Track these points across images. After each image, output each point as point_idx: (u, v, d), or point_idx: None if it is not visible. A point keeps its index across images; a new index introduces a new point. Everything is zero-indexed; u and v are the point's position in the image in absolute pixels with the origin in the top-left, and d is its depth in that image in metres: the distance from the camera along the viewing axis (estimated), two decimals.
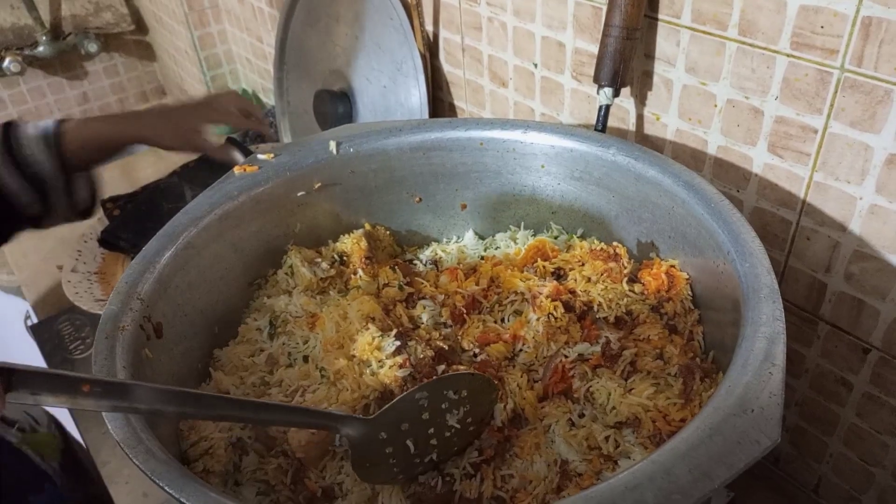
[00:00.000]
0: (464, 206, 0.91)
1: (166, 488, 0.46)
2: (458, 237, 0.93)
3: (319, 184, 0.83)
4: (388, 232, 0.90)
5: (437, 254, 0.89)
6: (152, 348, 0.63)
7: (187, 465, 0.64)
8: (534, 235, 0.87)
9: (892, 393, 0.74)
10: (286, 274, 0.79)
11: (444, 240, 0.93)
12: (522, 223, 0.89)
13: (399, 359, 0.66)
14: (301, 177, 0.81)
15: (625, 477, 0.41)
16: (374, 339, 0.68)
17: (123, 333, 0.59)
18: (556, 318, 0.68)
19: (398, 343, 0.67)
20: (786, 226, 0.76)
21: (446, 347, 0.70)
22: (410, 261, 0.88)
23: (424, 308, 0.73)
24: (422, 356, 0.67)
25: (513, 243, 0.87)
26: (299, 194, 0.82)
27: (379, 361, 0.67)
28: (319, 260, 0.80)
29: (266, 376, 0.70)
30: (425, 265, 0.86)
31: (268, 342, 0.73)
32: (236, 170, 0.80)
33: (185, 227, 0.71)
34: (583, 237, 0.84)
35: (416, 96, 1.16)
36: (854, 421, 0.79)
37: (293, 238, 0.83)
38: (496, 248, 0.88)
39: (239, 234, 0.77)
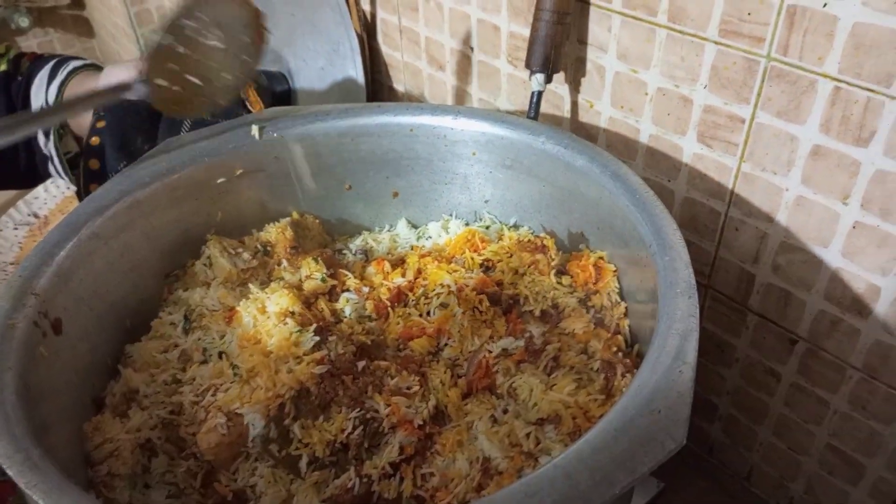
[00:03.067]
0: (395, 195, 0.88)
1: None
2: (391, 226, 0.90)
3: (241, 170, 0.79)
4: (317, 221, 0.87)
5: (367, 243, 0.87)
6: (49, 346, 0.60)
7: (91, 467, 0.61)
8: (467, 224, 0.85)
9: (818, 383, 0.74)
10: (204, 265, 0.76)
11: (377, 228, 0.90)
12: (455, 212, 0.87)
13: (317, 355, 0.64)
14: (221, 163, 0.78)
15: (525, 482, 0.40)
16: (291, 334, 0.65)
17: (13, 331, 0.56)
18: (481, 312, 0.67)
19: (317, 339, 0.65)
20: (715, 216, 0.75)
21: (369, 342, 0.68)
22: (340, 250, 0.86)
23: (348, 301, 0.71)
24: (342, 352, 0.65)
25: (445, 233, 0.85)
26: (219, 181, 0.78)
27: (297, 358, 0.64)
28: (241, 250, 0.77)
29: (178, 374, 0.67)
30: (355, 255, 0.84)
31: (182, 337, 0.70)
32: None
33: (90, 216, 0.67)
34: (516, 226, 0.82)
35: (353, 79, 1.13)
36: (783, 411, 0.80)
37: (214, 227, 0.80)
38: (428, 238, 0.86)
39: (152, 223, 0.74)
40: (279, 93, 1.26)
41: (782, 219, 0.69)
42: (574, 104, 0.84)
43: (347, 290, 0.73)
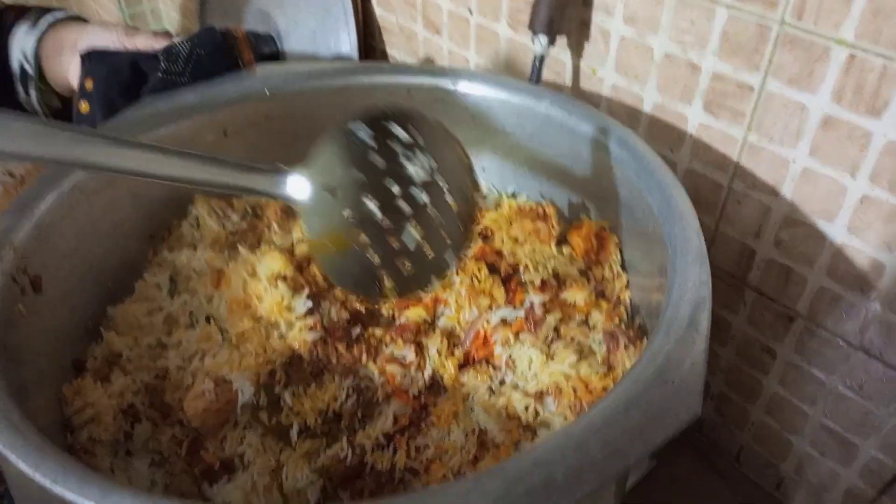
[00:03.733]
0: None
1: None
2: None
3: (230, 128, 0.76)
4: None
5: None
6: (28, 304, 0.57)
7: (71, 433, 0.58)
8: None
9: (814, 362, 0.74)
10: (191, 226, 0.73)
11: None
12: None
13: (310, 320, 0.62)
14: (209, 119, 0.75)
15: (535, 452, 0.38)
16: (283, 298, 0.63)
17: None
18: (479, 281, 0.65)
19: (310, 304, 0.63)
20: (717, 189, 0.74)
21: (363, 310, 0.66)
22: None
23: None
24: (336, 318, 0.63)
25: None
26: (208, 139, 0.75)
27: (289, 323, 0.62)
28: (230, 212, 0.74)
29: (163, 338, 0.64)
30: None
31: (167, 300, 0.67)
32: None
33: (72, 168, 0.64)
34: (513, 196, 0.80)
35: (346, 42, 1.09)
36: (777, 390, 0.80)
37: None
38: None
39: (138, 180, 0.70)
40: (267, 55, 1.22)
41: (787, 192, 0.68)
42: (576, 70, 0.82)
43: None
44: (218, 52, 0.79)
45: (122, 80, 0.78)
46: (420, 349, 0.62)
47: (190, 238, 0.73)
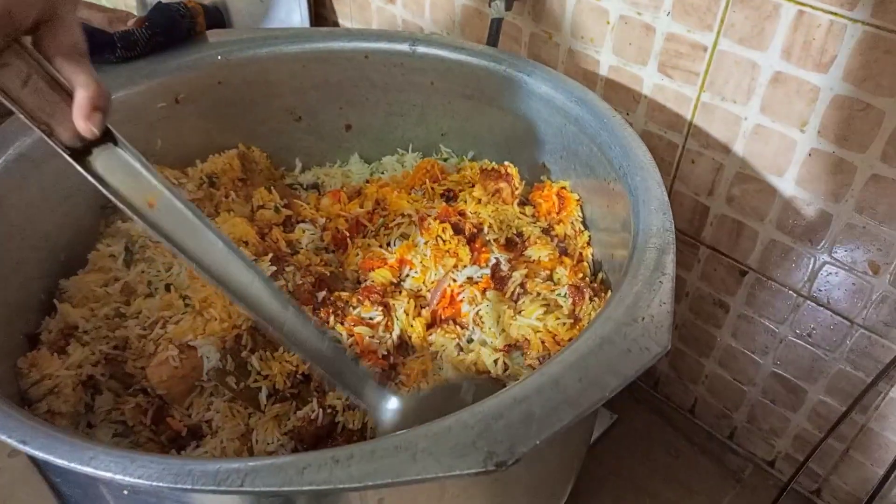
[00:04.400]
0: (348, 127, 0.85)
1: None
2: (343, 161, 0.87)
3: (182, 94, 0.74)
4: (264, 154, 0.82)
5: (318, 177, 0.83)
6: None
7: (29, 406, 0.56)
8: (423, 158, 0.82)
9: (765, 313, 0.76)
10: None
11: (328, 164, 0.87)
12: (411, 145, 0.84)
13: (275, 284, 0.60)
14: (160, 85, 0.72)
15: (513, 391, 0.39)
16: None
17: None
18: (444, 241, 0.65)
19: (273, 268, 0.62)
20: (672, 149, 0.76)
21: (328, 274, 0.65)
22: (290, 185, 0.82)
23: (304, 232, 0.68)
24: (300, 282, 0.62)
25: (400, 167, 0.83)
26: (159, 106, 0.73)
27: None
28: (185, 181, 0.72)
29: (121, 307, 0.62)
30: (306, 189, 0.80)
31: (123, 270, 0.65)
32: None
33: (16, 134, 0.61)
34: (473, 160, 0.80)
35: (296, 13, 1.07)
36: (729, 342, 0.82)
37: (154, 156, 0.74)
38: (383, 173, 0.83)
39: None
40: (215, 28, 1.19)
41: (739, 148, 0.70)
42: (532, 36, 0.82)
43: (303, 220, 0.69)
44: (175, 29, 0.76)
45: None
46: (387, 310, 0.62)
47: None
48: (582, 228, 0.68)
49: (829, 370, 0.74)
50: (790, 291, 0.73)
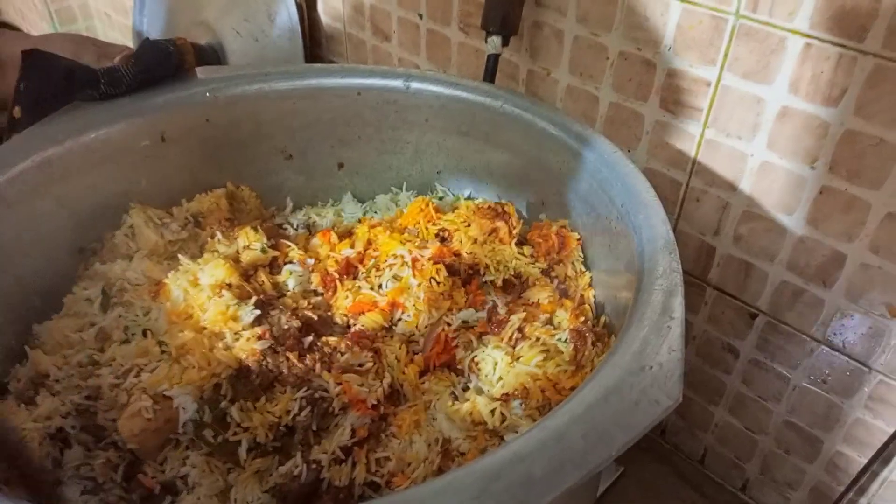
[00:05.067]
0: (341, 166, 0.82)
1: None
2: (335, 200, 0.84)
3: (168, 133, 0.71)
4: (254, 194, 0.79)
5: (310, 217, 0.80)
6: None
7: None
8: (417, 196, 0.79)
9: (777, 358, 0.73)
10: (126, 236, 0.67)
11: (320, 203, 0.84)
12: (405, 184, 0.81)
13: (258, 329, 0.57)
14: (145, 123, 0.70)
15: (513, 445, 0.35)
16: (228, 307, 0.58)
17: None
18: (438, 283, 0.62)
19: (258, 312, 0.58)
20: (676, 187, 0.73)
21: (315, 318, 0.62)
22: (280, 225, 0.79)
23: (291, 273, 0.64)
24: (286, 327, 0.59)
25: (394, 206, 0.80)
26: (143, 144, 0.70)
27: (235, 334, 0.57)
28: (168, 220, 0.69)
29: (95, 354, 0.58)
30: (297, 230, 0.77)
31: (99, 315, 0.62)
32: None
33: None
34: (470, 199, 0.78)
35: (291, 52, 1.05)
36: (740, 389, 0.78)
37: (138, 196, 0.72)
38: (375, 212, 0.80)
39: (66, 189, 0.65)
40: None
41: (746, 186, 0.67)
42: (530, 73, 0.80)
43: (290, 261, 0.66)
44: (163, 67, 0.74)
45: (54, 85, 0.72)
46: (378, 356, 0.58)
47: (125, 249, 0.67)
48: (583, 269, 0.64)
49: (846, 419, 0.70)
50: (803, 335, 0.69)
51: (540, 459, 0.34)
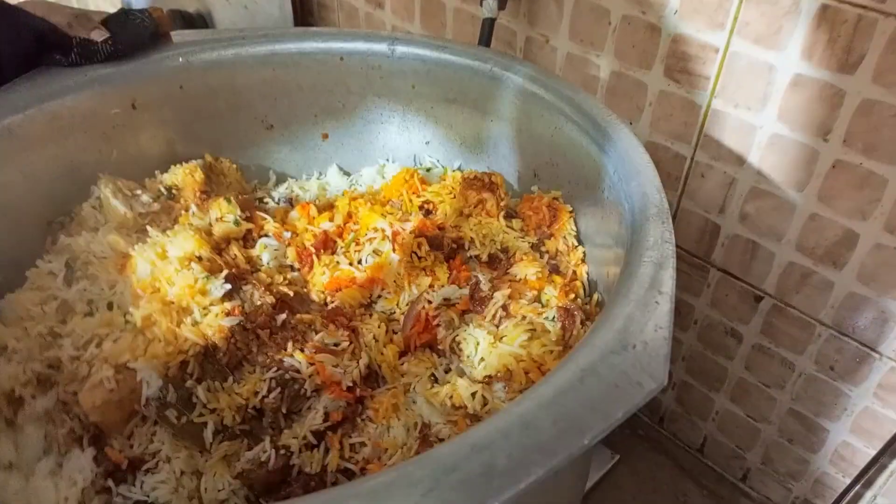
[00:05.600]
0: (325, 137, 0.78)
1: None
2: (321, 173, 0.80)
3: (139, 100, 0.67)
4: (234, 166, 0.75)
5: (293, 191, 0.76)
6: None
7: None
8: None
9: (783, 343, 0.69)
10: (94, 207, 0.64)
11: (304, 176, 0.80)
12: (392, 156, 0.77)
13: (228, 305, 0.53)
14: (114, 90, 0.66)
15: (472, 435, 0.31)
16: (197, 280, 0.55)
17: None
18: (419, 258, 0.58)
19: (228, 286, 0.55)
20: (680, 162, 0.68)
21: (291, 294, 0.58)
22: (262, 199, 0.75)
23: (265, 247, 0.61)
24: (259, 303, 0.55)
25: (381, 178, 0.76)
26: (113, 112, 0.66)
27: (203, 309, 0.54)
28: (140, 192, 0.65)
29: (56, 326, 0.55)
30: (278, 203, 0.73)
31: (63, 288, 0.58)
32: None
33: None
34: (460, 170, 0.73)
35: (281, 19, 1.01)
36: (742, 375, 0.74)
37: (109, 167, 0.67)
38: (362, 186, 0.76)
39: (30, 158, 0.61)
40: None
41: (754, 160, 0.62)
42: (528, 40, 0.76)
43: (266, 235, 0.62)
44: (138, 43, 0.69)
45: (23, 44, 0.67)
46: (355, 335, 0.54)
47: (93, 222, 0.63)
48: (576, 244, 0.60)
49: (854, 407, 0.66)
50: (810, 319, 0.65)
51: (503, 448, 0.30)
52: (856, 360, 0.64)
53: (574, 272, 0.58)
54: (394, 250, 0.58)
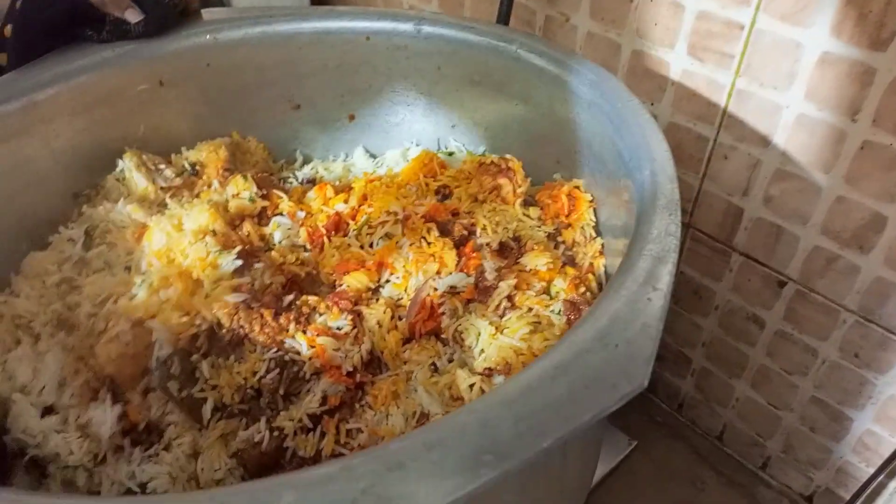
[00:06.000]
0: (352, 118, 0.77)
1: None
2: (347, 155, 0.79)
3: (167, 77, 0.67)
4: (261, 145, 0.75)
5: (317, 172, 0.75)
6: None
7: None
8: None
9: (806, 329, 0.66)
10: (118, 180, 0.64)
11: (331, 157, 0.79)
12: (418, 139, 0.76)
13: (235, 281, 0.53)
14: (142, 66, 0.66)
15: (424, 431, 0.30)
16: (209, 254, 0.54)
17: None
18: (428, 244, 0.56)
19: (239, 262, 0.54)
20: (702, 143, 0.66)
21: (302, 275, 0.57)
22: (286, 178, 0.75)
23: (278, 226, 0.60)
24: (269, 282, 0.55)
25: (403, 161, 0.74)
26: (140, 88, 0.66)
27: (214, 282, 0.53)
28: (163, 167, 0.66)
29: (75, 279, 0.56)
30: (302, 183, 0.73)
31: (81, 252, 0.59)
32: None
33: None
34: (484, 155, 0.72)
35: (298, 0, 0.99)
36: (763, 362, 0.72)
37: (137, 142, 0.68)
38: (386, 169, 0.75)
39: (55, 131, 0.62)
40: None
41: (780, 142, 0.59)
42: (547, 19, 0.73)
43: (280, 213, 0.62)
44: (169, 19, 0.69)
45: (53, 20, 0.67)
46: (359, 319, 0.53)
47: (116, 194, 0.64)
48: (594, 234, 0.58)
49: (880, 396, 0.63)
50: (835, 305, 0.62)
51: (455, 448, 0.29)
52: (881, 347, 0.61)
53: (591, 264, 0.56)
54: (403, 234, 0.57)
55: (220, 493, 0.28)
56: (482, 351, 0.50)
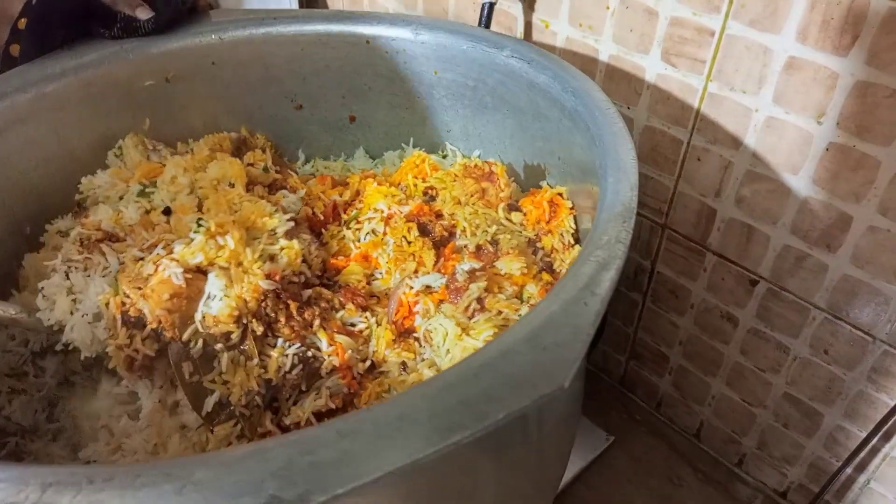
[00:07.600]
0: (353, 119, 0.77)
1: None
2: (348, 156, 0.80)
3: (173, 73, 0.68)
4: (269, 143, 0.75)
5: (318, 169, 0.76)
6: None
7: None
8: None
9: (778, 327, 0.66)
10: (116, 156, 0.64)
11: (332, 157, 0.80)
12: (416, 141, 0.76)
13: (268, 268, 0.50)
14: (148, 62, 0.67)
15: (342, 420, 0.30)
16: (264, 207, 0.53)
17: None
18: (408, 243, 0.56)
19: (292, 224, 0.53)
20: (676, 146, 0.66)
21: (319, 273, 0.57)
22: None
23: (284, 197, 0.59)
24: (314, 256, 0.55)
25: (400, 162, 0.75)
26: (146, 84, 0.67)
27: (271, 234, 0.52)
28: (161, 147, 0.66)
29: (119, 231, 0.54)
30: None
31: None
32: None
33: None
34: (470, 159, 0.72)
35: (286, 2, 1.00)
36: (738, 359, 0.71)
37: (143, 135, 0.69)
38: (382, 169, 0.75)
39: (62, 119, 0.62)
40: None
41: (750, 143, 0.60)
42: (528, 25, 0.74)
43: (285, 187, 0.62)
44: (179, 16, 0.70)
45: (69, 13, 0.67)
46: (374, 316, 0.53)
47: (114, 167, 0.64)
48: (572, 242, 0.57)
49: (849, 391, 0.63)
50: (805, 303, 0.62)
51: (367, 436, 0.28)
52: (850, 344, 0.61)
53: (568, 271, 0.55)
54: (385, 233, 0.57)
55: (137, 469, 0.28)
56: (448, 351, 0.49)
